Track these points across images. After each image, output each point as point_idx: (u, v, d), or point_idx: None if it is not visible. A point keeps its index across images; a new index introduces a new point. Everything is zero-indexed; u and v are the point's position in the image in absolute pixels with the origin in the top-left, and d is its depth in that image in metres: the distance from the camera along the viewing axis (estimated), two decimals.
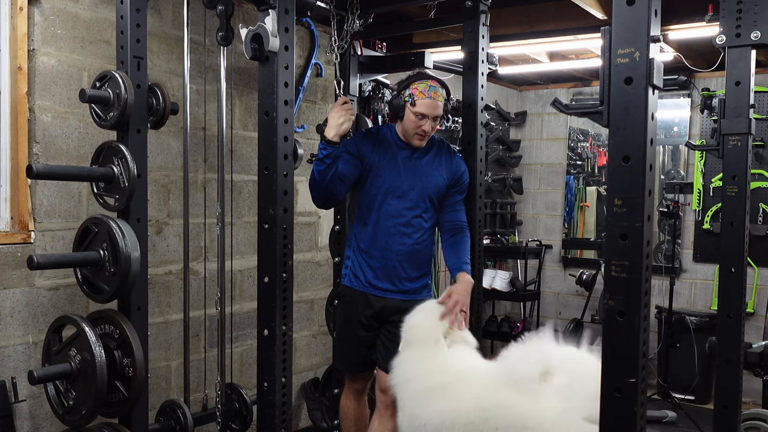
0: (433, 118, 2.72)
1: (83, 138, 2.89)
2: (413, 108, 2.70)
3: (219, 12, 2.52)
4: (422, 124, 2.71)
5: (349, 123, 2.71)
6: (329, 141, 2.67)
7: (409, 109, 2.71)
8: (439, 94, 2.72)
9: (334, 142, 2.67)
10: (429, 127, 2.73)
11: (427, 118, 2.70)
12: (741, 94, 2.28)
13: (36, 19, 2.71)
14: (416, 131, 2.74)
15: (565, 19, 3.69)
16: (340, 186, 2.76)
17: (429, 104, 2.69)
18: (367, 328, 2.83)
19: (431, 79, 2.75)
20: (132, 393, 2.46)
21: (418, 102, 2.69)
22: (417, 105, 2.69)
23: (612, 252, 1.38)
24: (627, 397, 1.36)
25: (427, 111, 2.69)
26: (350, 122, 2.72)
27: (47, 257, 2.42)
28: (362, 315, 2.82)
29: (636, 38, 1.35)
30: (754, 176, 4.76)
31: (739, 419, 2.39)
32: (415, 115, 2.70)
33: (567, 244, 5.85)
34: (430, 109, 2.69)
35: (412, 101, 2.70)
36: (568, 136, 5.80)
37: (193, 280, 3.26)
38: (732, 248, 2.36)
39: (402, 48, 4.01)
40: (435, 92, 2.70)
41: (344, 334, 2.92)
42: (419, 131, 2.73)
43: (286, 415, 2.29)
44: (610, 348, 1.39)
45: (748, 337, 4.29)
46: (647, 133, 1.35)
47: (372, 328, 2.84)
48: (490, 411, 2.09)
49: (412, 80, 2.74)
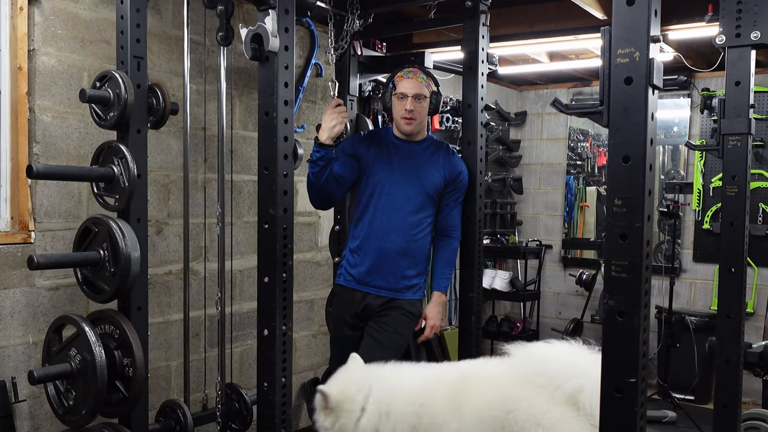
0: (414, 96, 2.76)
1: (83, 138, 2.89)
2: (395, 91, 2.79)
3: (219, 12, 2.52)
4: (405, 104, 2.76)
5: (341, 126, 2.73)
6: (321, 144, 2.70)
7: (393, 95, 2.80)
8: (419, 76, 2.80)
9: (327, 144, 2.70)
10: (411, 106, 2.75)
11: (408, 96, 2.76)
12: (741, 94, 2.28)
13: (36, 19, 2.71)
14: (401, 114, 2.78)
15: (565, 19, 3.69)
16: (336, 187, 2.80)
17: (407, 83, 2.77)
18: (352, 326, 2.86)
19: (414, 67, 2.88)
20: (132, 393, 2.46)
21: (398, 84, 2.79)
22: (398, 87, 2.78)
23: (612, 252, 1.38)
24: (627, 397, 1.36)
25: (406, 89, 2.76)
26: (343, 125, 2.74)
27: (47, 257, 2.42)
28: (348, 314, 2.86)
29: (636, 38, 1.35)
30: (754, 176, 4.76)
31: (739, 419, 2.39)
32: (397, 97, 2.78)
33: (567, 244, 5.85)
34: (408, 87, 2.76)
35: (393, 86, 2.81)
36: (568, 136, 5.80)
37: (193, 280, 3.26)
38: (732, 248, 2.36)
39: (402, 48, 4.01)
40: (413, 74, 2.80)
41: (335, 333, 2.99)
42: (404, 113, 2.77)
43: (286, 415, 2.29)
44: (610, 348, 1.39)
45: (748, 337, 4.29)
46: (647, 133, 1.35)
47: (357, 327, 2.86)
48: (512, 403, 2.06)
49: (395, 72, 2.86)
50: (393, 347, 2.77)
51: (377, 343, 2.75)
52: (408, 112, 2.76)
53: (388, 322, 2.78)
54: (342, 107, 2.77)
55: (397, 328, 2.79)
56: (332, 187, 2.78)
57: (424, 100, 2.80)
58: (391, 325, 2.78)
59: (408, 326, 2.84)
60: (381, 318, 2.80)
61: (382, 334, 2.77)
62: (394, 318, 2.79)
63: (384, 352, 2.74)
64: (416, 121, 2.80)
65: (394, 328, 2.78)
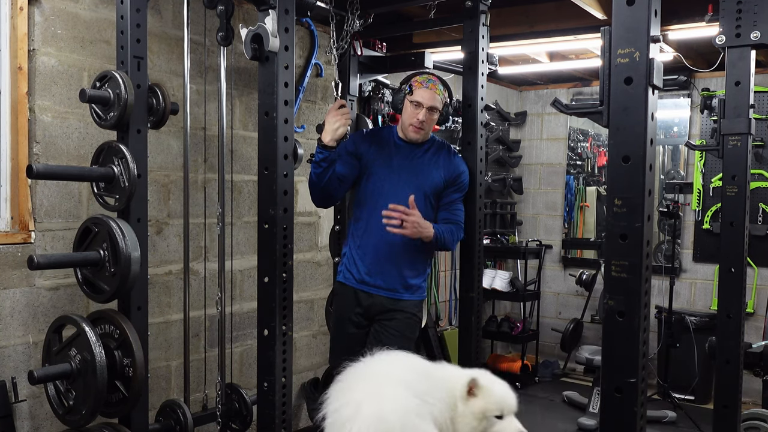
0: (428, 108, 2.76)
1: (83, 138, 2.89)
2: (410, 96, 2.78)
3: (219, 12, 2.52)
4: (417, 113, 2.75)
5: (344, 128, 2.72)
6: (324, 145, 2.69)
7: (407, 98, 2.79)
8: (437, 87, 2.78)
9: (330, 146, 2.69)
10: (423, 117, 2.75)
11: (422, 107, 2.75)
12: (741, 94, 2.28)
13: (36, 19, 2.71)
14: (411, 121, 2.78)
15: (565, 19, 3.69)
16: (338, 186, 2.80)
17: (425, 93, 2.75)
18: (357, 324, 2.85)
19: (432, 75, 2.85)
20: (132, 393, 2.46)
21: (415, 91, 2.77)
22: (414, 93, 2.77)
23: (612, 252, 1.38)
24: (627, 397, 1.36)
25: (423, 99, 2.75)
26: (346, 127, 2.73)
27: (47, 257, 2.42)
28: (352, 312, 2.84)
29: (636, 38, 1.35)
30: (754, 176, 4.75)
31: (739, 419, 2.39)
32: (411, 103, 2.77)
33: (567, 244, 5.85)
34: (425, 97, 2.75)
35: (410, 90, 2.78)
36: (568, 136, 5.80)
37: (193, 280, 3.26)
38: (732, 248, 2.36)
39: (402, 48, 4.01)
40: (433, 84, 2.78)
41: (336, 331, 2.96)
42: (414, 121, 2.77)
43: (286, 415, 2.29)
44: (610, 348, 1.39)
45: (748, 337, 4.29)
46: (647, 133, 1.35)
47: (362, 326, 2.85)
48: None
49: (414, 74, 2.84)
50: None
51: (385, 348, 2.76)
52: (419, 122, 2.76)
53: (393, 326, 2.78)
54: (345, 109, 2.76)
55: (403, 331, 2.79)
56: (334, 186, 2.78)
57: (436, 113, 2.80)
58: (397, 329, 2.78)
59: (413, 329, 2.85)
60: (386, 321, 2.79)
61: (390, 339, 2.76)
62: (399, 321, 2.79)
63: None
64: (424, 131, 2.81)
65: (400, 332, 2.78)
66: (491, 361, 5.40)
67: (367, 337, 2.85)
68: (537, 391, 5.13)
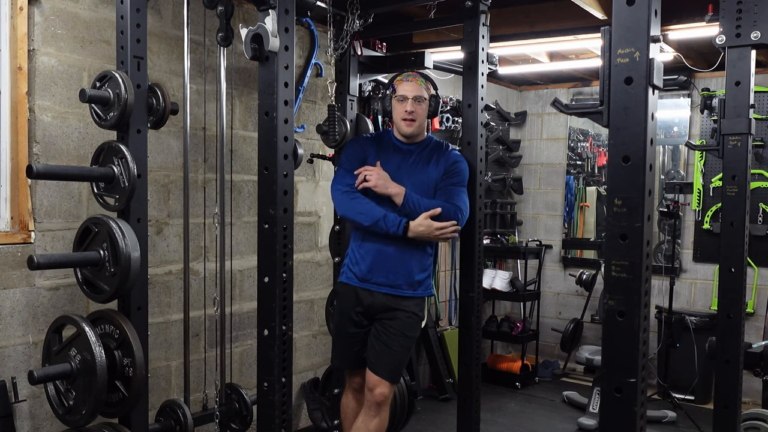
0: (413, 98, 2.81)
1: (83, 138, 2.89)
2: (395, 95, 2.85)
3: (219, 12, 2.52)
4: (405, 106, 2.82)
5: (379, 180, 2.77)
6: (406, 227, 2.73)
7: (393, 98, 2.86)
8: (418, 79, 2.87)
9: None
10: (411, 107, 2.81)
11: (408, 98, 2.81)
12: (741, 94, 2.28)
13: (36, 19, 2.71)
14: (401, 115, 2.84)
15: (565, 19, 3.69)
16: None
17: (407, 86, 2.84)
18: (357, 324, 2.85)
19: (411, 71, 2.96)
20: (132, 393, 2.46)
21: (398, 88, 2.86)
22: (398, 90, 2.85)
23: (612, 252, 1.38)
24: (627, 397, 1.36)
25: (406, 92, 2.83)
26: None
27: (47, 257, 2.42)
28: (352, 311, 2.84)
29: (636, 38, 1.35)
30: (754, 176, 4.76)
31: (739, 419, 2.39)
32: (398, 100, 2.84)
33: (567, 244, 5.85)
34: (408, 89, 2.83)
35: (393, 90, 2.87)
36: (568, 136, 5.80)
37: (193, 280, 3.26)
38: (732, 248, 2.36)
39: (402, 48, 4.01)
40: (413, 77, 2.87)
41: (338, 330, 2.96)
42: (404, 114, 2.82)
43: (286, 415, 2.29)
44: (610, 348, 1.39)
45: (748, 337, 4.30)
46: (647, 133, 1.35)
47: (362, 325, 2.85)
48: None
49: (395, 77, 2.93)
50: (401, 350, 2.78)
51: (385, 347, 2.76)
52: (408, 114, 2.81)
53: (394, 325, 2.78)
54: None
55: (404, 330, 2.79)
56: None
57: (424, 102, 2.84)
58: (397, 328, 2.78)
59: (414, 328, 2.85)
60: (387, 320, 2.79)
61: (390, 338, 2.77)
62: (400, 320, 2.79)
63: (393, 356, 2.77)
64: (416, 122, 2.83)
65: (401, 331, 2.78)
66: (491, 361, 5.40)
67: (368, 336, 2.85)
68: (537, 391, 5.13)
